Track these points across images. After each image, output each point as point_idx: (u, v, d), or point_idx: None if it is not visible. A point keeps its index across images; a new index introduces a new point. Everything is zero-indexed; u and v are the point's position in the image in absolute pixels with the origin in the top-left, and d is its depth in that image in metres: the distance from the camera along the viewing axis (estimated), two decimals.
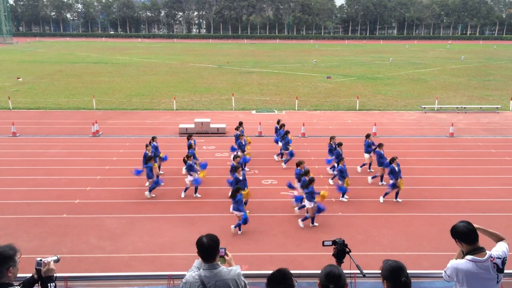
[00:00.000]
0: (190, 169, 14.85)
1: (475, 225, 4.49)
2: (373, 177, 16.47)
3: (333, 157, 16.77)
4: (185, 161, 14.98)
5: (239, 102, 31.79)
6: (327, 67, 54.43)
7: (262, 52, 77.36)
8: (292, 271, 3.91)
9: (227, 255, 4.56)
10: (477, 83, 42.44)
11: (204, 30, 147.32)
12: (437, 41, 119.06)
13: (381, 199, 14.67)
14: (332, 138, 17.68)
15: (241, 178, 13.52)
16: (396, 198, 14.70)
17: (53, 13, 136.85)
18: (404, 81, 43.30)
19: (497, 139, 22.78)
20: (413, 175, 17.01)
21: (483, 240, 4.71)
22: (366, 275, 4.50)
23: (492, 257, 4.28)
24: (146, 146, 15.85)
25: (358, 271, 4.28)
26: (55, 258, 3.88)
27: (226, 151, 19.79)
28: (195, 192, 15.01)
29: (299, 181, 13.92)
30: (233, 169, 14.29)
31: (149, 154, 15.41)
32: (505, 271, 4.45)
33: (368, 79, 44.84)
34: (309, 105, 31.22)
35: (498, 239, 4.68)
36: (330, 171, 17.22)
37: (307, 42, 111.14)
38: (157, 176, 15.35)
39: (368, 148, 17.36)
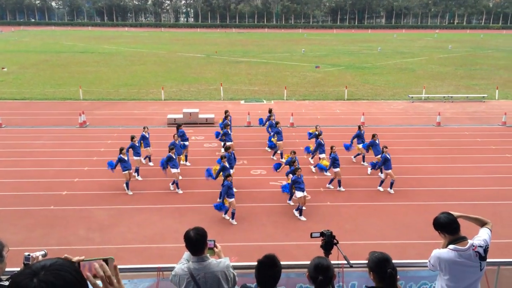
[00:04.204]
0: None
1: (457, 213, 4.55)
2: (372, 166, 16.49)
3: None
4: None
5: (228, 92, 31.69)
6: (315, 57, 54.43)
7: (250, 42, 77.03)
8: (281, 262, 3.96)
9: (216, 247, 4.58)
10: (464, 72, 42.79)
11: (192, 19, 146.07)
12: (424, 30, 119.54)
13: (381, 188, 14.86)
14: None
15: (227, 166, 13.62)
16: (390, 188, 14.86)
17: (38, 2, 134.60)
18: (392, 71, 43.50)
19: (483, 128, 23.04)
20: (400, 164, 17.16)
21: (468, 227, 4.79)
22: (353, 266, 4.56)
23: (474, 246, 4.36)
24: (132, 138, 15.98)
25: (346, 262, 4.34)
26: (43, 253, 3.87)
27: (215, 142, 19.75)
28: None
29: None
30: (222, 158, 14.39)
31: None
32: (489, 259, 4.53)
33: (356, 68, 44.95)
34: (297, 95, 31.24)
35: (482, 223, 4.73)
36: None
37: (295, 31, 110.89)
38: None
39: (359, 139, 17.40)
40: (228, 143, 16.54)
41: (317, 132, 16.94)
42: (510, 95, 31.92)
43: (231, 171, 14.17)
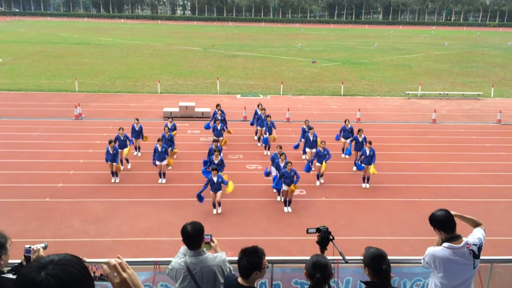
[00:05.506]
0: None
1: (453, 212, 4.59)
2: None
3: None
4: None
5: (224, 86, 31.64)
6: (312, 52, 54.36)
7: (247, 35, 76.80)
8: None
9: (212, 241, 4.62)
10: (460, 70, 42.89)
11: (189, 12, 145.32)
12: (421, 27, 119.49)
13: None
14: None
15: (216, 161, 13.62)
16: (364, 182, 14.94)
17: None
18: (389, 67, 43.53)
19: (478, 126, 23.16)
20: (395, 161, 17.26)
21: (461, 227, 4.84)
22: (348, 261, 4.60)
23: (468, 244, 4.41)
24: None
25: (341, 258, 4.38)
26: (43, 245, 3.89)
27: (211, 136, 19.72)
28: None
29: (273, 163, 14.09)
30: (210, 152, 14.40)
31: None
32: (482, 257, 4.59)
33: (353, 64, 44.96)
34: (294, 90, 31.24)
35: (475, 224, 4.79)
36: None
37: (292, 26, 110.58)
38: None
39: (344, 132, 17.48)
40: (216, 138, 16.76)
41: (304, 127, 17.02)
42: (505, 93, 32.07)
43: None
